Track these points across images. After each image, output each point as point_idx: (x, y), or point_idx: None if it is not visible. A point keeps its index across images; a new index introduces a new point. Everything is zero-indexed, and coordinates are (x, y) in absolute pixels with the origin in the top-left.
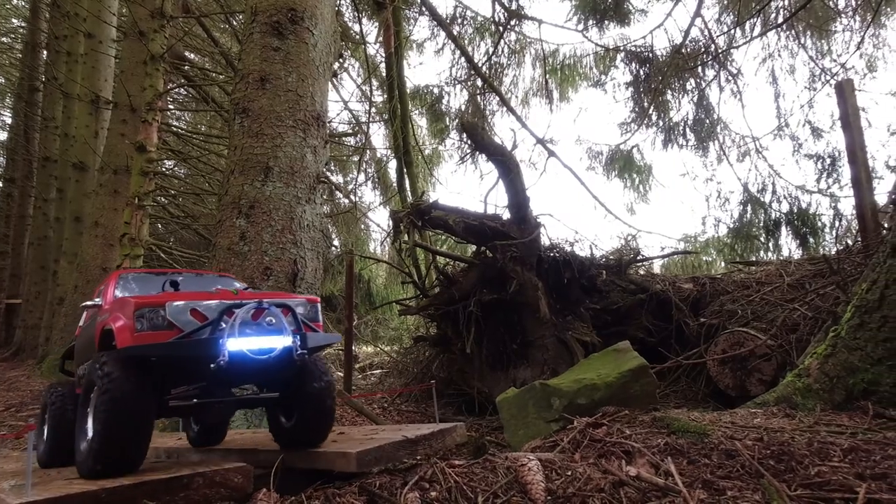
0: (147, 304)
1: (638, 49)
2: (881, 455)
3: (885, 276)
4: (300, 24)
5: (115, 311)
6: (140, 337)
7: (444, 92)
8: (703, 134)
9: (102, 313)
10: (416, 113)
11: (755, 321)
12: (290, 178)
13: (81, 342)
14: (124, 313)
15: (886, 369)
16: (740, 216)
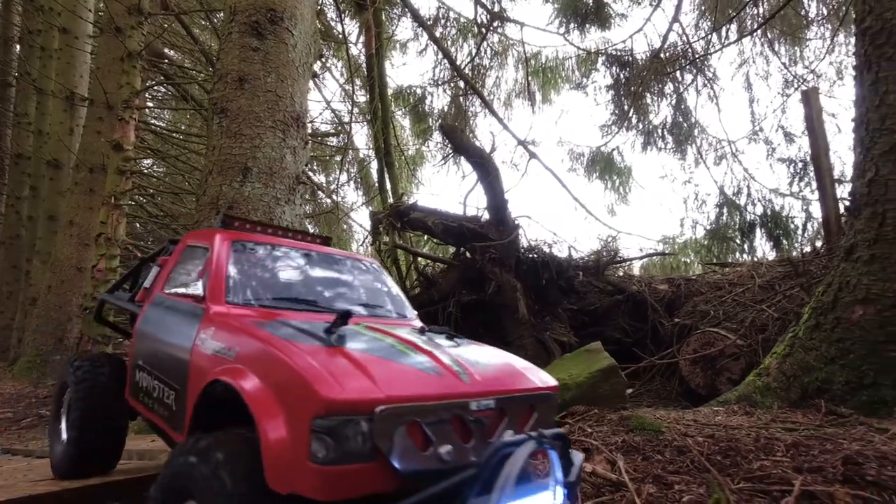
0: (341, 406)
1: (618, 53)
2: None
3: (839, 280)
4: (280, 25)
5: (255, 372)
6: (323, 476)
7: (428, 92)
8: (681, 137)
9: (208, 328)
10: (399, 113)
11: (726, 321)
12: (269, 179)
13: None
14: (286, 407)
15: (839, 368)
16: (717, 218)
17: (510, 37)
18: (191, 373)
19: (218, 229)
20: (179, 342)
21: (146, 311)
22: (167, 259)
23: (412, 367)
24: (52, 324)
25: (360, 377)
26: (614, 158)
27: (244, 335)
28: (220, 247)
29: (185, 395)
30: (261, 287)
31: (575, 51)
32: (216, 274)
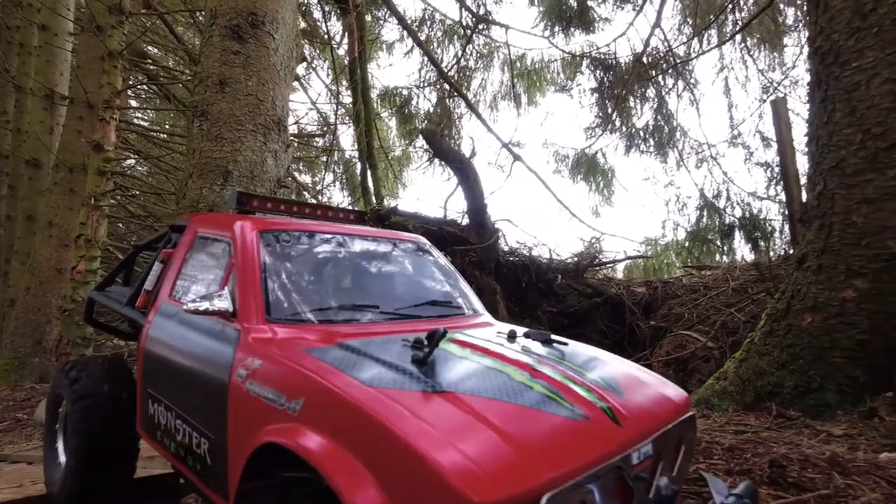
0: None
1: (602, 56)
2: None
3: (792, 288)
4: (261, 29)
5: (342, 444)
6: None
7: (414, 93)
8: (663, 140)
9: (249, 359)
10: (385, 114)
11: (699, 324)
12: (249, 183)
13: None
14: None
15: (789, 373)
16: (697, 220)
17: (496, 39)
18: (231, 420)
19: (235, 214)
20: (209, 375)
21: (153, 323)
22: (171, 252)
23: (550, 413)
24: (30, 326)
25: (503, 448)
26: (598, 160)
27: (310, 380)
28: (248, 241)
29: (225, 448)
30: (307, 293)
31: (560, 54)
32: (248, 280)
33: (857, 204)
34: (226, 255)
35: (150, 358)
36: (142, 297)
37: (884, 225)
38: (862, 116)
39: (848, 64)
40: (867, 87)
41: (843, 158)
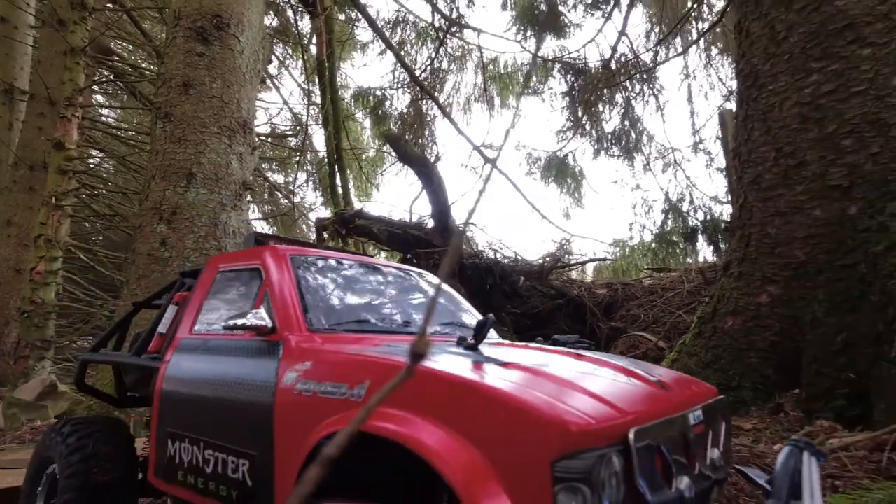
0: (590, 437)
1: (573, 61)
2: None
3: (718, 293)
4: (226, 31)
5: (419, 414)
6: None
7: (388, 94)
8: (631, 145)
9: (297, 363)
10: (360, 114)
11: (654, 325)
12: (214, 185)
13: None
14: (500, 457)
15: (712, 372)
16: (662, 223)
17: (469, 42)
18: (278, 429)
19: (263, 247)
20: (249, 390)
21: (172, 362)
22: (187, 294)
23: (610, 379)
24: None
25: (582, 396)
26: (569, 163)
27: (375, 363)
28: (278, 263)
29: (271, 459)
30: (340, 308)
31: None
32: (285, 295)
33: (771, 216)
34: (255, 282)
35: (169, 396)
36: (155, 342)
37: (793, 236)
38: (775, 136)
39: (765, 87)
40: (780, 109)
41: (760, 174)
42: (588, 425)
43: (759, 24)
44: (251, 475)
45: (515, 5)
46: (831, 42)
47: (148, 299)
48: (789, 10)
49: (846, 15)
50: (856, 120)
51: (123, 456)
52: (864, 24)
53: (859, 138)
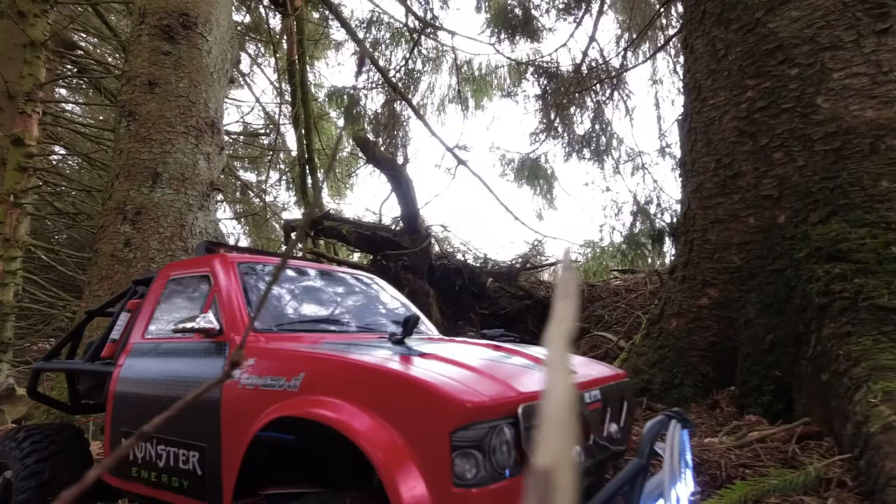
0: (484, 411)
1: (546, 65)
2: None
3: (666, 295)
4: (193, 30)
5: (342, 398)
6: (477, 501)
7: (362, 94)
8: (601, 148)
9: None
10: (334, 114)
11: (615, 325)
12: (180, 185)
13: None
14: (407, 430)
15: (658, 371)
16: (631, 225)
17: (444, 43)
18: (224, 420)
19: (213, 255)
20: (195, 382)
21: (126, 365)
22: (139, 301)
23: (513, 364)
24: None
25: (482, 379)
26: (542, 165)
27: (305, 359)
28: (225, 270)
29: (218, 448)
30: (282, 310)
31: (506, 60)
32: (231, 299)
33: (712, 223)
34: (204, 288)
35: (122, 398)
36: (108, 348)
37: (730, 242)
38: (715, 147)
39: (706, 101)
40: (719, 122)
41: (702, 183)
42: (481, 402)
43: (702, 42)
44: (200, 465)
45: (490, 8)
46: (764, 61)
47: (101, 307)
48: (728, 30)
49: (777, 37)
50: (785, 135)
51: (78, 457)
52: (792, 45)
53: (788, 152)
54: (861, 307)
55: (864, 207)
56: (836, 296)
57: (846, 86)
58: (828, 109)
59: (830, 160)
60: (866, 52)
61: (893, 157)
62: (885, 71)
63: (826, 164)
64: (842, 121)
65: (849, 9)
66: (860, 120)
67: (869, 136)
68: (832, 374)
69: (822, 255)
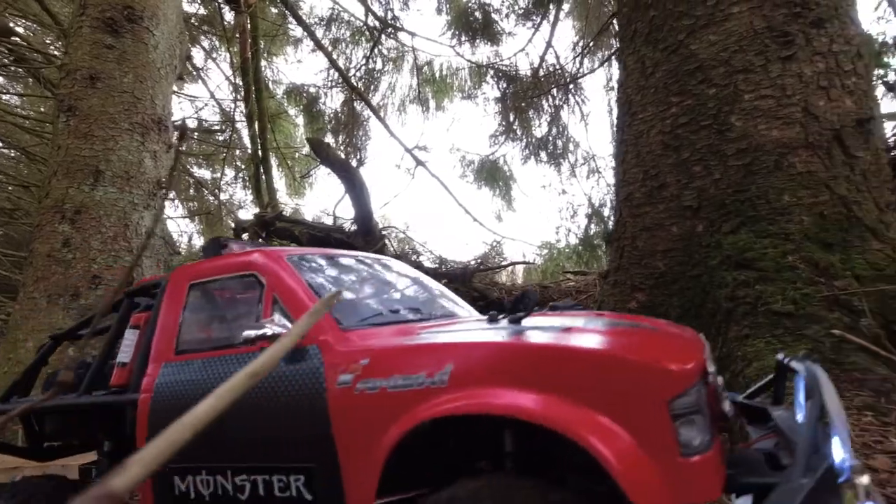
0: (692, 377)
1: (506, 68)
2: None
3: (600, 297)
4: (138, 24)
5: (521, 387)
6: (708, 466)
7: (322, 92)
8: (558, 151)
9: (350, 364)
10: (293, 111)
11: None
12: (124, 184)
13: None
14: (617, 409)
15: None
16: (586, 227)
17: (405, 43)
18: (340, 432)
19: (247, 252)
20: (287, 401)
21: (160, 389)
22: (145, 316)
23: (654, 330)
24: None
25: (654, 345)
26: (501, 167)
27: (452, 347)
28: (279, 265)
29: (335, 465)
30: (356, 303)
31: (467, 62)
32: (301, 297)
33: (640, 230)
34: (251, 290)
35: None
36: (117, 373)
37: (656, 249)
38: (643, 159)
39: (636, 115)
40: (647, 136)
41: (631, 192)
42: (687, 366)
43: (633, 59)
44: (308, 488)
45: (451, 10)
46: (686, 80)
47: (71, 329)
48: (655, 49)
49: (697, 58)
50: (703, 150)
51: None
52: (710, 67)
53: (706, 166)
54: (759, 312)
55: (768, 219)
56: (740, 301)
57: (756, 106)
58: (740, 128)
59: (741, 175)
60: (773, 77)
61: (794, 174)
62: (788, 94)
63: (738, 179)
64: (752, 139)
65: (759, 36)
66: (767, 139)
67: (774, 153)
68: (731, 374)
69: (731, 262)
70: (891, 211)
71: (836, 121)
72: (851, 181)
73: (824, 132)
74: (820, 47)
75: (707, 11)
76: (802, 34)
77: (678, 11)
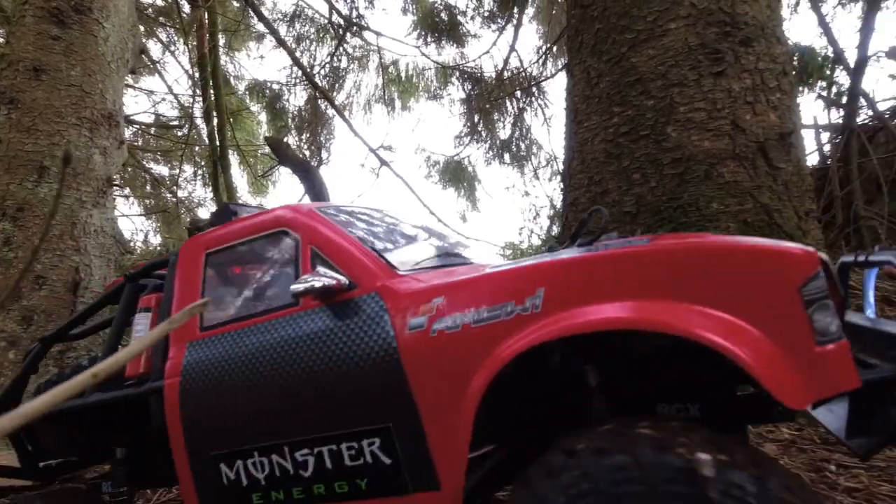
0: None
1: (471, 70)
2: None
3: None
4: (87, 15)
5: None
6: (847, 352)
7: (285, 89)
8: (521, 153)
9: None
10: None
11: None
12: (72, 181)
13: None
14: (751, 303)
15: None
16: (549, 229)
17: (371, 42)
18: (417, 380)
19: (270, 210)
20: (348, 357)
21: (188, 371)
22: (155, 296)
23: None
24: None
25: (758, 239)
26: (466, 168)
27: (539, 272)
28: (314, 218)
29: (416, 419)
30: (396, 251)
31: (432, 63)
32: (347, 246)
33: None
34: (281, 249)
35: (202, 413)
36: (132, 363)
37: None
38: (588, 166)
39: (582, 123)
40: (592, 143)
41: (577, 197)
42: (808, 249)
43: (580, 69)
44: (388, 450)
45: (417, 10)
46: (627, 92)
47: (61, 329)
48: (599, 61)
49: (637, 71)
50: (642, 158)
51: None
52: (649, 79)
53: (644, 174)
54: None
55: (698, 225)
56: None
57: (689, 119)
58: (675, 138)
59: (675, 183)
60: (705, 91)
61: (722, 183)
62: (718, 108)
63: (672, 187)
64: (685, 149)
65: (693, 52)
66: (699, 149)
67: (705, 163)
68: None
69: None
70: (810, 219)
71: (760, 134)
72: (774, 190)
73: (750, 144)
74: (748, 65)
75: (647, 27)
76: (732, 52)
77: (621, 25)
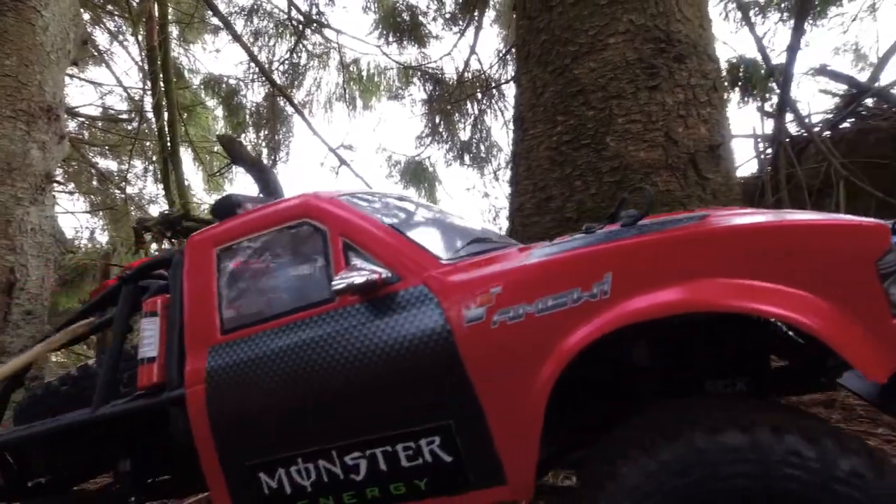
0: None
1: (433, 70)
2: None
3: None
4: (23, 2)
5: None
6: None
7: (242, 84)
8: (481, 155)
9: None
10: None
11: None
12: (6, 176)
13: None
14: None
15: None
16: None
17: (331, 40)
18: (478, 373)
19: (288, 198)
20: (400, 353)
21: (215, 377)
22: (161, 298)
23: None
24: None
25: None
26: (426, 168)
27: (609, 250)
28: (343, 208)
29: (479, 414)
30: (430, 239)
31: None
32: (385, 238)
33: (530, 239)
34: (307, 242)
35: (236, 421)
36: (145, 372)
37: None
38: (533, 172)
39: (527, 130)
40: (537, 151)
41: (522, 203)
42: (881, 223)
43: (526, 78)
44: (449, 448)
45: (378, 9)
46: (570, 102)
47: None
48: (545, 71)
49: (580, 82)
50: (583, 166)
51: None
52: (590, 91)
53: (585, 181)
54: None
55: None
56: None
57: (627, 129)
58: (614, 148)
59: (613, 190)
60: (641, 104)
61: (656, 192)
62: (653, 120)
63: (611, 193)
64: (623, 158)
65: (631, 66)
66: (636, 159)
67: (641, 172)
68: None
69: None
70: None
71: (691, 146)
72: (703, 199)
73: (682, 155)
74: (680, 80)
75: (588, 40)
76: (666, 67)
77: (565, 38)
